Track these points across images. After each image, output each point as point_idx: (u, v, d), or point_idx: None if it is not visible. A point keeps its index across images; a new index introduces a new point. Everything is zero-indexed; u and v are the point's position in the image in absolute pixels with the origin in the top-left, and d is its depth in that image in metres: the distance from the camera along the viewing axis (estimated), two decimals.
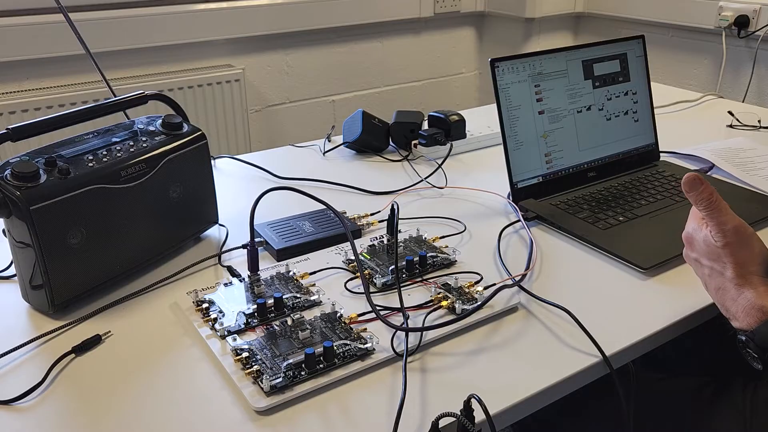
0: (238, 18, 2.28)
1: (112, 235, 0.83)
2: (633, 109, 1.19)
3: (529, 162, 1.08)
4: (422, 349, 0.74)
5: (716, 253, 0.73)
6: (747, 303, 0.69)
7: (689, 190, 0.73)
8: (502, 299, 0.81)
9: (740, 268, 0.71)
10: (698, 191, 0.72)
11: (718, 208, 0.72)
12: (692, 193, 0.73)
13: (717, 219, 0.72)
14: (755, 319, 0.68)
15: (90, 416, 0.65)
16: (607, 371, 0.72)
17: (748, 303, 0.69)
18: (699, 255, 0.76)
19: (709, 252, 0.74)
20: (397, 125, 1.33)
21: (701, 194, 0.72)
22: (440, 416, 0.59)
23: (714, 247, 0.73)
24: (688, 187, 0.73)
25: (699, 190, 0.72)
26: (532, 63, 1.07)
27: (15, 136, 0.81)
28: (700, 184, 0.72)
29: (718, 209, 0.72)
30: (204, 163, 0.95)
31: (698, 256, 0.76)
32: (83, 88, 2.05)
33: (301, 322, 0.75)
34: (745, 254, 0.71)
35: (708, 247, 0.74)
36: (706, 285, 0.76)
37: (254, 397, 0.66)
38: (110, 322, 0.80)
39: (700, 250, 0.75)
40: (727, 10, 2.27)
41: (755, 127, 1.47)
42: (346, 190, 1.17)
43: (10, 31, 1.94)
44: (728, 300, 0.71)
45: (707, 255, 0.74)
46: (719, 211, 0.72)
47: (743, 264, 0.71)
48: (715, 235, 0.73)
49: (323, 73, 2.57)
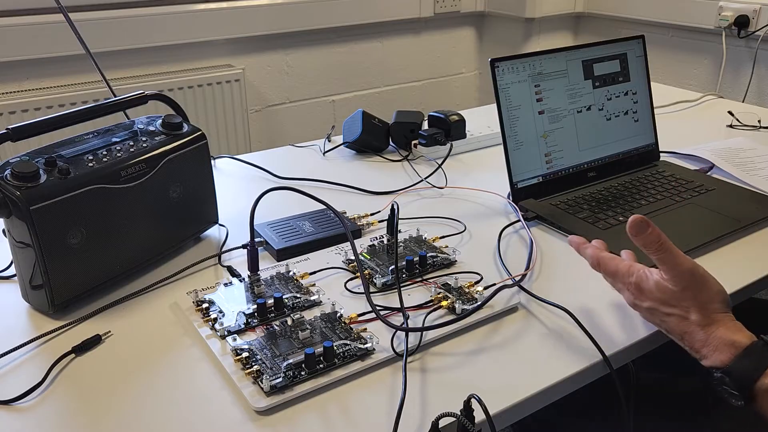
0: (238, 18, 2.28)
1: (112, 235, 0.83)
2: (633, 109, 1.19)
3: (529, 162, 1.08)
4: (422, 349, 0.74)
5: (675, 298, 0.69)
6: (717, 341, 0.67)
7: (636, 233, 0.69)
8: (502, 299, 0.81)
9: (704, 309, 0.68)
10: (646, 234, 0.68)
11: (669, 250, 0.68)
12: (640, 236, 0.68)
13: (670, 263, 0.68)
14: (728, 355, 0.66)
15: (90, 416, 0.65)
16: (607, 371, 0.72)
17: (719, 340, 0.67)
18: (654, 303, 0.71)
19: (665, 299, 0.70)
20: (397, 125, 1.33)
21: (650, 236, 0.68)
22: (440, 416, 0.59)
23: (671, 292, 0.69)
24: (635, 231, 0.68)
25: (647, 232, 0.68)
26: (532, 63, 1.07)
27: (15, 136, 0.81)
28: (647, 226, 0.68)
29: (669, 252, 0.68)
30: (204, 163, 0.95)
31: (654, 305, 0.71)
32: (83, 88, 2.05)
33: (301, 322, 0.75)
34: (705, 295, 0.69)
35: (663, 294, 0.70)
36: (669, 331, 0.72)
37: (254, 397, 0.66)
38: (110, 322, 0.80)
39: (655, 297, 0.71)
40: (727, 10, 2.27)
41: (755, 127, 1.47)
42: (346, 190, 1.17)
43: (10, 31, 1.94)
44: (696, 342, 0.68)
45: (663, 302, 0.70)
46: (671, 254, 0.68)
47: (705, 305, 0.68)
48: (670, 279, 0.69)
49: (323, 73, 2.57)
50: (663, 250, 0.68)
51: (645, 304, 0.73)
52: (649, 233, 0.68)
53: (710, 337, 0.68)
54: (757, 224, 1.01)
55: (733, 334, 0.67)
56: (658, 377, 0.96)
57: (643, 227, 0.68)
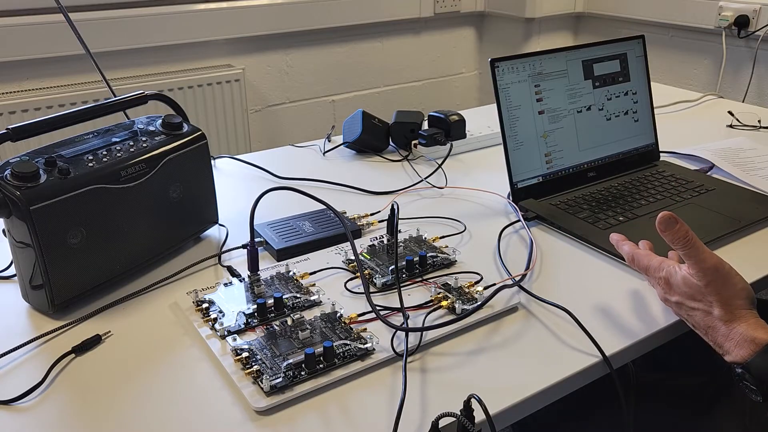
0: (238, 18, 2.28)
1: (112, 235, 0.83)
2: (633, 109, 1.19)
3: (529, 162, 1.08)
4: (422, 349, 0.74)
5: (700, 293, 0.72)
6: (739, 337, 0.68)
7: (665, 229, 0.71)
8: (502, 299, 0.81)
9: (727, 305, 0.70)
10: (674, 230, 0.70)
11: (695, 246, 0.70)
12: (668, 232, 0.71)
13: (695, 258, 0.70)
14: (748, 351, 0.67)
15: (90, 416, 0.65)
16: (607, 371, 0.72)
17: (741, 336, 0.68)
18: (681, 297, 0.74)
19: (692, 293, 0.72)
20: (397, 125, 1.33)
21: (677, 233, 0.70)
22: (440, 416, 0.60)
23: (696, 287, 0.71)
24: (663, 226, 0.71)
25: (675, 228, 0.70)
26: (532, 63, 1.07)
27: (15, 136, 0.81)
28: (675, 222, 0.70)
29: (696, 248, 0.70)
30: (204, 163, 0.95)
31: (680, 299, 0.74)
32: (83, 88, 2.05)
33: (301, 322, 0.75)
34: (728, 291, 0.70)
35: (690, 289, 0.72)
36: (694, 325, 0.74)
37: (254, 397, 0.66)
38: (110, 322, 0.80)
39: (682, 292, 0.73)
40: (727, 10, 2.27)
41: (755, 127, 1.47)
42: (346, 190, 1.17)
43: (10, 31, 1.94)
44: (719, 337, 0.70)
45: (690, 296, 0.73)
46: (697, 250, 0.70)
47: (729, 300, 0.70)
48: (695, 274, 0.71)
49: (323, 73, 2.57)
50: (690, 246, 0.70)
51: (673, 298, 0.75)
52: (677, 229, 0.70)
53: (732, 332, 0.69)
54: (757, 224, 1.01)
55: (754, 331, 0.68)
56: (658, 377, 0.96)
57: (671, 223, 0.70)
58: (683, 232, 0.70)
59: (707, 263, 0.70)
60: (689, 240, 0.70)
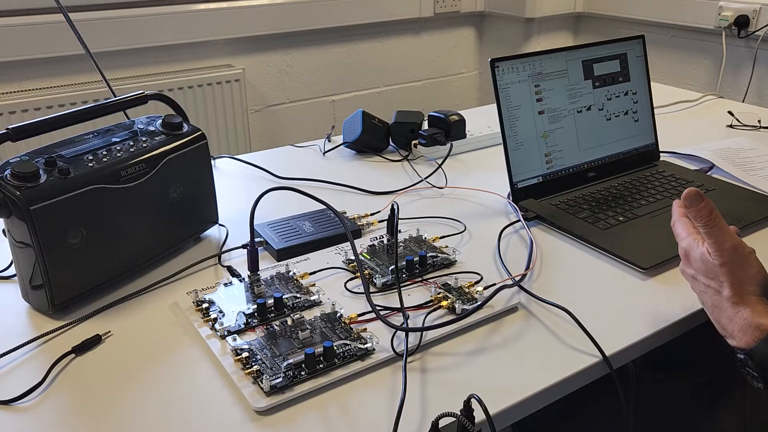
0: (238, 18, 2.28)
1: (112, 235, 0.83)
2: (633, 109, 1.19)
3: (529, 162, 1.08)
4: (422, 349, 0.74)
5: (713, 271, 0.72)
6: (743, 321, 0.68)
7: (689, 205, 0.71)
8: (502, 299, 0.81)
9: (737, 287, 0.70)
10: (699, 207, 0.71)
11: (718, 225, 0.70)
12: (692, 208, 0.71)
13: (715, 237, 0.71)
14: (752, 338, 0.67)
15: (90, 416, 0.65)
16: (607, 371, 0.72)
17: (745, 321, 0.68)
18: (696, 272, 0.74)
19: (706, 270, 0.73)
20: (397, 125, 1.33)
21: (701, 210, 0.71)
22: (440, 416, 0.60)
23: (711, 265, 0.72)
24: (688, 202, 0.71)
25: (700, 206, 0.71)
26: (532, 63, 1.07)
27: (15, 136, 0.81)
28: (701, 199, 0.71)
29: (718, 227, 0.70)
30: (204, 163, 0.95)
31: (695, 273, 0.75)
32: (83, 88, 2.05)
33: (301, 322, 0.75)
34: (742, 274, 0.70)
35: (705, 265, 0.72)
36: (703, 302, 0.75)
37: (254, 397, 0.66)
38: (110, 322, 0.80)
39: (698, 267, 0.74)
40: (727, 10, 2.27)
41: (755, 127, 1.47)
42: (346, 190, 1.17)
43: (10, 31, 1.94)
44: (724, 318, 0.70)
45: (704, 273, 0.73)
46: (719, 229, 0.70)
47: (740, 284, 0.70)
48: (713, 253, 0.71)
49: (323, 73, 2.57)
50: (712, 225, 0.70)
51: (689, 271, 0.76)
52: (702, 207, 0.71)
53: (737, 315, 0.69)
54: (757, 224, 1.01)
55: (759, 317, 0.68)
56: (658, 377, 0.96)
57: (696, 200, 0.71)
58: (707, 210, 0.70)
59: (726, 244, 0.70)
60: (712, 219, 0.70)
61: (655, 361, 0.98)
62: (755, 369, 0.67)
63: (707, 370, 0.93)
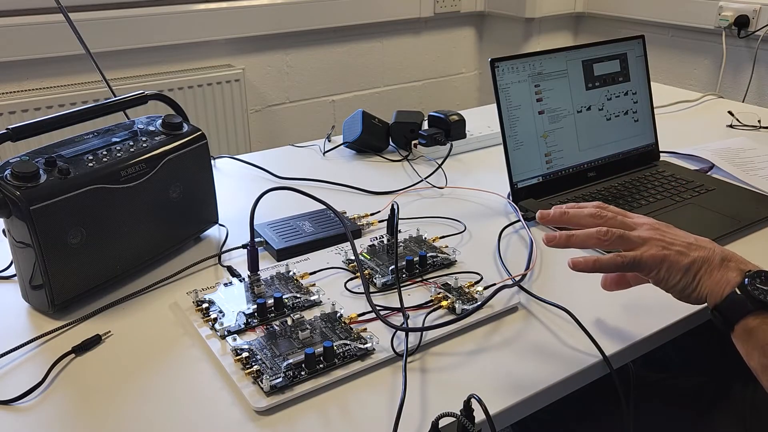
0: (238, 18, 2.28)
1: (112, 235, 0.83)
2: (633, 109, 1.19)
3: (529, 162, 1.08)
4: (422, 349, 0.74)
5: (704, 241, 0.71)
6: (721, 278, 0.67)
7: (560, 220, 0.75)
8: (502, 299, 0.81)
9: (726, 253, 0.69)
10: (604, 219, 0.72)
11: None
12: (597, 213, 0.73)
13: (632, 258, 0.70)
14: (718, 296, 0.66)
15: (90, 416, 0.65)
16: (607, 371, 0.72)
17: (722, 278, 0.67)
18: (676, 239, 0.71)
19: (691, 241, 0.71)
20: (397, 125, 1.33)
21: (605, 210, 0.73)
22: (440, 416, 0.59)
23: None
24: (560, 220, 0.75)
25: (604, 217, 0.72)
26: (532, 63, 1.07)
27: (15, 136, 0.81)
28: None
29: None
30: (204, 163, 0.95)
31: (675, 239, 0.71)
32: (83, 88, 2.05)
33: (301, 322, 0.75)
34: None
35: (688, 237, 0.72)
36: (677, 259, 0.69)
37: (254, 397, 0.66)
38: (110, 322, 0.80)
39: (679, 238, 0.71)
40: (727, 10, 2.27)
41: (755, 127, 1.47)
42: (346, 190, 1.17)
43: (10, 31, 1.94)
44: (705, 274, 0.68)
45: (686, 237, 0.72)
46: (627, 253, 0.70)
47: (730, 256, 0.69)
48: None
49: (323, 73, 2.57)
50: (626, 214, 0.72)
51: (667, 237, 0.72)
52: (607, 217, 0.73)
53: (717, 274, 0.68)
54: (757, 224, 1.01)
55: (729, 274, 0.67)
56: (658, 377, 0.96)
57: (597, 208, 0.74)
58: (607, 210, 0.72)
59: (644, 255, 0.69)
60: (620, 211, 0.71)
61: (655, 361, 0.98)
62: (720, 323, 0.66)
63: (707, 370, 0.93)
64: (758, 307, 0.63)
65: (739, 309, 0.64)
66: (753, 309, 0.63)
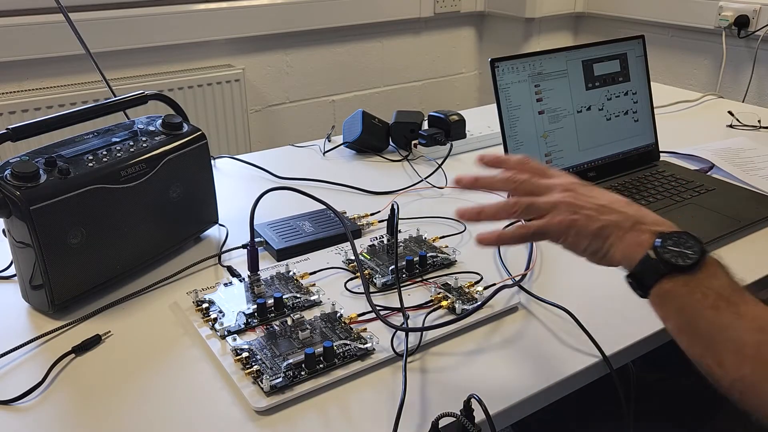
0: (238, 18, 2.28)
1: (112, 235, 0.83)
2: (633, 109, 1.19)
3: None
4: (422, 349, 0.74)
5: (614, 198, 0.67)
6: (633, 242, 0.64)
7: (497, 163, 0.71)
8: (502, 299, 0.81)
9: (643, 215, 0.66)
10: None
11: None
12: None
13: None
14: (632, 260, 0.63)
15: (90, 416, 0.65)
16: (607, 371, 0.72)
17: (634, 242, 0.64)
18: (588, 202, 0.67)
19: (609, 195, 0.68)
20: (397, 125, 1.33)
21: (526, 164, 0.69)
22: (440, 416, 0.60)
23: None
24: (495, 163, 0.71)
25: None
26: (532, 63, 1.07)
27: (15, 136, 0.81)
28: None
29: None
30: (204, 163, 0.95)
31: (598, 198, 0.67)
32: (83, 88, 2.05)
33: (301, 322, 0.75)
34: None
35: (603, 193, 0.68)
36: (585, 224, 0.65)
37: (254, 397, 0.66)
38: (110, 322, 0.80)
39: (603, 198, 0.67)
40: (727, 10, 2.27)
41: (755, 127, 1.47)
42: (346, 190, 1.17)
43: (10, 31, 1.94)
44: (616, 239, 0.64)
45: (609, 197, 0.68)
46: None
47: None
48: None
49: (323, 73, 2.57)
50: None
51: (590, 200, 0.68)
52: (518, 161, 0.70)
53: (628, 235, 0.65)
54: (757, 224, 1.01)
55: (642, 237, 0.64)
56: (658, 377, 0.96)
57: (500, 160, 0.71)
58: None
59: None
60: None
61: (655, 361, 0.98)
62: (636, 286, 0.64)
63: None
64: (670, 269, 0.60)
65: (653, 273, 0.61)
66: (666, 272, 0.60)
